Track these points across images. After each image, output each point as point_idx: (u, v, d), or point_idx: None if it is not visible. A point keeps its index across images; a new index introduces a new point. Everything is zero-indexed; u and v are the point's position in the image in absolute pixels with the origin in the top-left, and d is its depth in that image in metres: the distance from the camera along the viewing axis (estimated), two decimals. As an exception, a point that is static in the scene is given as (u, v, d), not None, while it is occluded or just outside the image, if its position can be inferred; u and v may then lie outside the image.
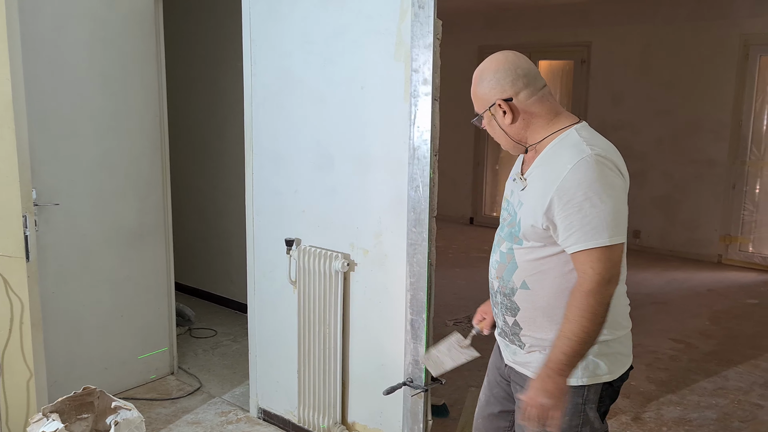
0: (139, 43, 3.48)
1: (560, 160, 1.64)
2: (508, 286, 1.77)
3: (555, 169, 1.63)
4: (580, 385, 1.74)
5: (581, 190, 1.58)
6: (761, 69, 6.19)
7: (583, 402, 1.76)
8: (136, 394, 3.60)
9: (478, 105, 1.79)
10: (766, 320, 4.98)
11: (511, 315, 1.80)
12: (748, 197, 6.41)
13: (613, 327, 1.74)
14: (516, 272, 1.75)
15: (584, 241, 1.59)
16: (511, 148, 1.81)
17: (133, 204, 3.55)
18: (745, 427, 3.33)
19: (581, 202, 1.57)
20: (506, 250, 1.78)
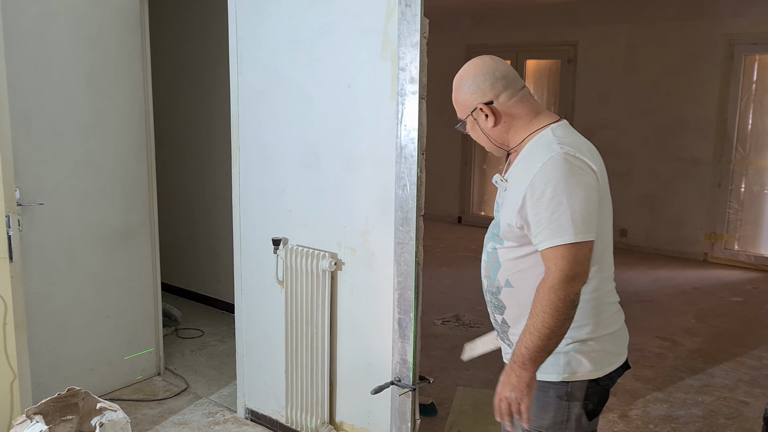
0: (125, 41, 3.45)
1: (533, 159, 1.67)
2: (495, 284, 1.80)
3: (528, 169, 1.66)
4: (562, 381, 1.75)
5: (549, 188, 1.60)
6: (746, 68, 6.24)
7: (568, 399, 1.76)
8: (122, 395, 3.58)
9: (460, 111, 1.83)
10: (751, 318, 5.02)
11: (500, 313, 1.82)
12: (733, 196, 6.46)
13: (597, 326, 1.76)
14: (500, 271, 1.78)
15: (550, 238, 1.60)
16: (494, 150, 1.85)
17: (119, 204, 3.52)
18: (731, 424, 3.36)
19: (549, 200, 1.60)
20: (491, 250, 1.81)
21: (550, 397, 1.77)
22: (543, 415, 1.78)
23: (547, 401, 1.77)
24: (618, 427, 3.31)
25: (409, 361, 2.58)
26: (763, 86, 6.25)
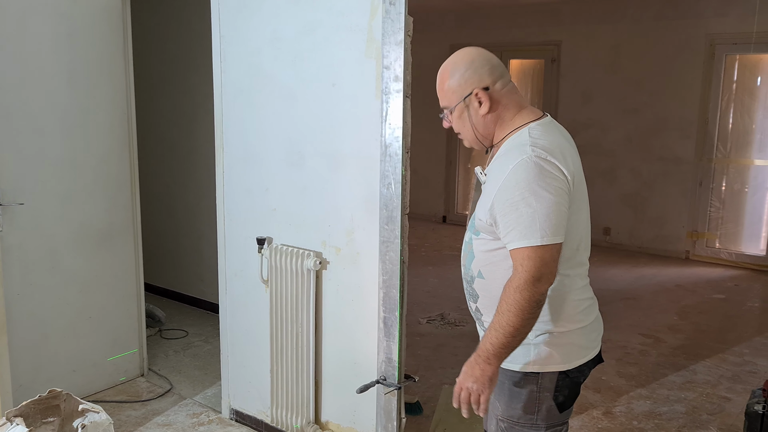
0: (107, 39, 3.42)
1: (507, 159, 1.68)
2: (469, 273, 1.84)
3: (501, 169, 1.67)
4: (533, 372, 1.78)
5: (518, 191, 1.61)
6: (727, 68, 6.31)
7: (538, 390, 1.79)
8: (106, 396, 3.55)
9: (449, 98, 1.79)
10: (733, 315, 5.07)
11: (474, 301, 1.86)
12: (714, 194, 6.53)
13: (566, 321, 1.78)
14: (474, 261, 1.81)
15: (518, 239, 1.62)
16: (475, 144, 1.83)
17: (101, 203, 3.49)
18: (713, 420, 3.39)
19: (517, 202, 1.61)
20: (468, 240, 1.85)
21: (521, 387, 1.80)
22: (514, 405, 1.81)
23: (518, 391, 1.80)
24: (602, 424, 3.33)
25: (394, 360, 2.58)
26: (743, 86, 6.32)
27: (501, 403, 1.84)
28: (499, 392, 1.84)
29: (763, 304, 5.39)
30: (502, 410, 1.84)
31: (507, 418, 1.83)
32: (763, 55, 6.16)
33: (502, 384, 1.82)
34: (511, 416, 1.82)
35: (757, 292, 5.67)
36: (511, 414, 1.82)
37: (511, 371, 1.80)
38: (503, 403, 1.83)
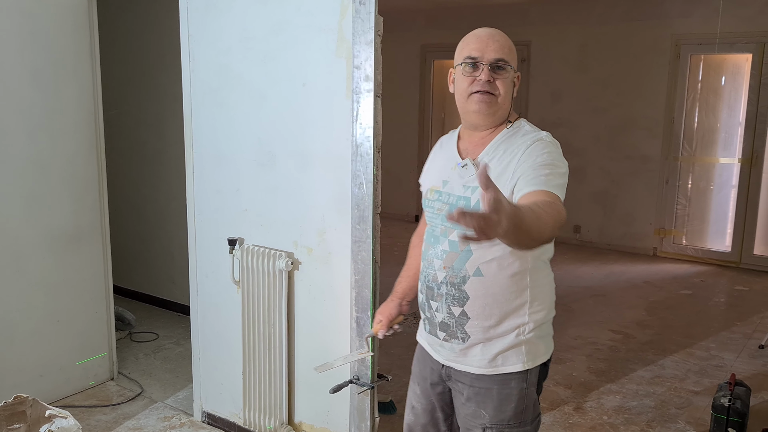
0: (72, 38, 3.36)
1: (523, 139, 1.72)
2: (459, 274, 1.74)
3: (517, 148, 1.69)
4: (525, 369, 1.77)
5: (548, 155, 1.65)
6: (692, 68, 6.43)
7: (527, 386, 1.79)
8: (75, 401, 3.49)
9: (512, 58, 1.76)
10: (699, 310, 5.18)
11: (459, 305, 1.76)
12: (680, 192, 6.66)
13: (548, 310, 1.82)
14: (470, 260, 1.72)
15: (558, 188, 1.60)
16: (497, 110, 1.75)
17: (68, 205, 3.43)
18: (682, 414, 3.46)
19: (550, 161, 1.64)
20: (458, 239, 1.69)
21: (512, 389, 1.77)
22: (505, 408, 1.78)
23: (509, 393, 1.77)
24: (573, 419, 3.38)
25: (367, 360, 2.58)
26: (708, 85, 6.45)
27: (488, 410, 1.78)
28: (484, 400, 1.78)
29: (729, 299, 5.51)
30: (489, 417, 1.78)
31: (496, 424, 1.78)
32: (726, 55, 6.30)
33: (489, 390, 1.78)
34: (501, 420, 1.78)
35: (723, 288, 5.80)
36: (501, 418, 1.78)
37: (500, 375, 1.76)
38: (491, 410, 1.78)
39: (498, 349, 1.76)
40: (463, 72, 1.74)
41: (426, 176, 1.96)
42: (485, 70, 1.71)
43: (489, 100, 1.72)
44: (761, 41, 5.99)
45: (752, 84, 6.11)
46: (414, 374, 2.03)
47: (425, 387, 1.97)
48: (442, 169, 1.86)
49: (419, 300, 1.92)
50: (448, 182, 1.82)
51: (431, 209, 1.84)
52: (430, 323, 1.86)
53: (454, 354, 1.82)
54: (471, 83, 1.73)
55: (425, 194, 1.90)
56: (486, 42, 1.72)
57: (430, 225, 1.86)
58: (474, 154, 1.79)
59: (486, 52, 1.71)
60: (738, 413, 3.02)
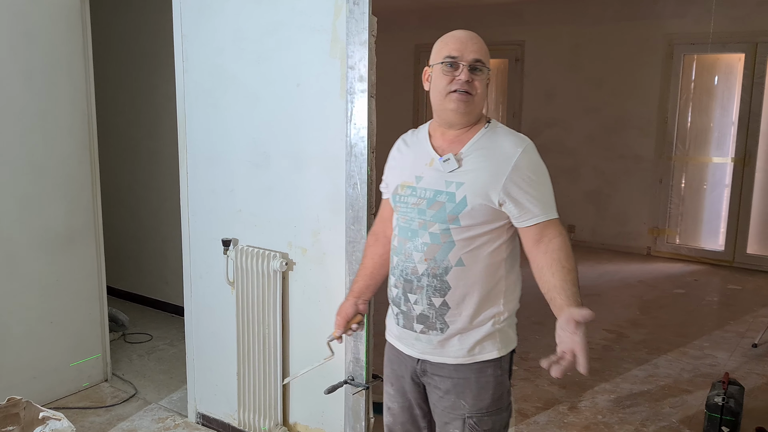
0: (65, 38, 3.35)
1: (504, 144, 1.79)
2: (441, 265, 1.79)
3: (504, 152, 1.77)
4: (500, 357, 1.85)
5: (540, 169, 1.79)
6: (685, 67, 6.45)
7: (502, 372, 1.87)
8: (68, 403, 3.47)
9: (486, 59, 1.82)
10: (693, 309, 5.19)
11: (440, 296, 1.81)
12: (674, 191, 6.68)
13: (517, 301, 1.91)
14: (453, 251, 1.78)
15: (546, 213, 1.77)
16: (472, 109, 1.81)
17: (62, 206, 3.42)
18: (675, 413, 3.47)
19: (543, 181, 1.79)
20: (440, 231, 1.79)
21: (488, 376, 1.84)
22: (483, 396, 1.84)
23: (486, 381, 1.84)
24: (567, 419, 3.38)
25: (362, 360, 2.58)
26: (701, 85, 6.47)
27: (467, 400, 1.84)
28: (462, 391, 1.84)
29: (722, 298, 5.53)
30: (469, 407, 1.84)
31: (476, 413, 1.84)
32: (719, 55, 6.32)
33: (467, 380, 1.84)
34: (480, 409, 1.84)
35: (716, 287, 5.82)
36: (481, 406, 1.84)
37: (477, 363, 1.83)
38: (470, 399, 1.84)
39: (476, 338, 1.83)
40: (443, 71, 1.79)
41: (392, 173, 1.97)
42: (465, 69, 1.77)
43: (467, 99, 1.78)
44: (754, 41, 6.01)
45: (745, 84, 6.14)
46: (386, 375, 2.07)
47: (400, 386, 2.01)
48: (414, 165, 1.90)
49: (392, 294, 1.94)
50: (423, 178, 1.85)
51: (405, 204, 1.88)
52: (406, 317, 1.89)
53: (431, 346, 1.86)
54: (450, 82, 1.78)
55: (395, 190, 1.92)
56: (465, 43, 1.79)
57: (405, 219, 1.88)
58: (450, 150, 1.83)
59: (465, 52, 1.78)
60: (731, 412, 3.04)
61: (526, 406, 3.50)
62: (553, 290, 1.70)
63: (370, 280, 2.10)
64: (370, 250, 2.11)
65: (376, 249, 2.08)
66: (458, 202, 1.76)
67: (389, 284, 1.95)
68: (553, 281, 1.70)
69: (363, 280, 2.10)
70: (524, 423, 3.33)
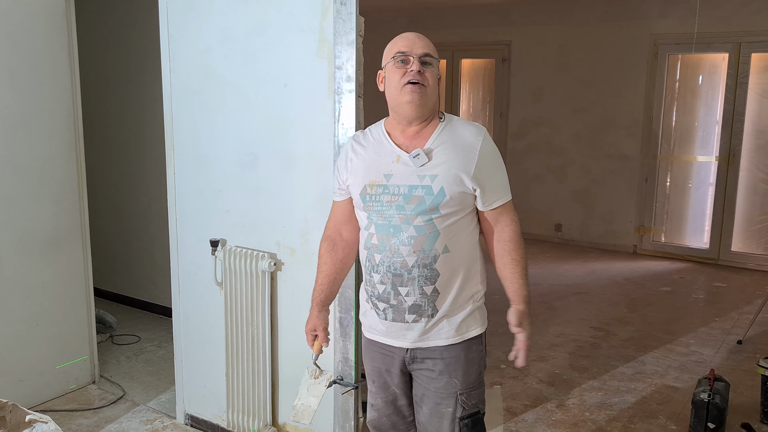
0: (50, 38, 3.33)
1: (464, 134, 1.92)
2: (430, 255, 1.87)
3: (467, 141, 1.90)
4: (481, 333, 2.00)
5: (497, 155, 1.94)
6: (669, 67, 6.51)
7: (483, 347, 2.01)
8: (55, 405, 3.45)
9: (435, 54, 1.91)
10: (679, 306, 5.24)
11: (431, 283, 1.89)
12: (659, 190, 6.73)
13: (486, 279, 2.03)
14: (438, 239, 1.87)
15: (505, 195, 1.94)
16: (426, 103, 1.90)
17: (47, 207, 3.39)
18: (663, 409, 3.50)
19: (500, 165, 1.95)
20: (424, 222, 1.87)
21: (474, 352, 1.96)
22: (471, 371, 1.96)
23: (472, 357, 1.96)
24: (556, 416, 3.40)
25: (351, 360, 2.58)
26: (685, 85, 6.52)
27: (458, 377, 1.94)
28: (454, 368, 1.94)
29: (708, 295, 5.58)
30: (460, 383, 1.95)
31: (466, 388, 1.95)
32: (703, 55, 6.37)
33: (457, 358, 1.94)
34: (469, 384, 1.96)
35: (702, 284, 5.87)
36: (470, 381, 1.96)
37: (465, 341, 1.94)
38: (461, 376, 1.95)
39: (461, 317, 1.94)
40: (395, 66, 1.89)
41: (357, 174, 1.97)
42: (415, 62, 1.87)
43: (420, 90, 1.87)
44: (737, 41, 6.07)
45: (729, 83, 6.20)
46: (368, 372, 2.12)
47: (382, 381, 2.07)
48: (379, 164, 1.93)
49: (378, 291, 1.95)
50: (393, 175, 1.90)
51: (378, 202, 1.91)
52: (396, 310, 1.93)
53: (423, 332, 1.94)
54: (403, 75, 1.88)
55: (363, 190, 1.94)
56: (413, 40, 1.90)
57: (382, 217, 1.90)
58: (413, 146, 1.91)
59: (414, 48, 1.89)
60: (717, 408, 3.07)
61: (514, 404, 3.52)
62: (504, 280, 1.95)
63: (334, 286, 2.14)
64: (328, 256, 2.11)
65: (336, 254, 2.10)
66: (437, 194, 1.85)
67: (371, 283, 1.97)
68: (503, 272, 1.95)
69: (327, 288, 2.12)
70: (513, 421, 3.34)
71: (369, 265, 1.96)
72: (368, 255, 1.96)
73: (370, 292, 1.99)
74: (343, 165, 2.02)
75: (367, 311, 2.04)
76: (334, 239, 2.10)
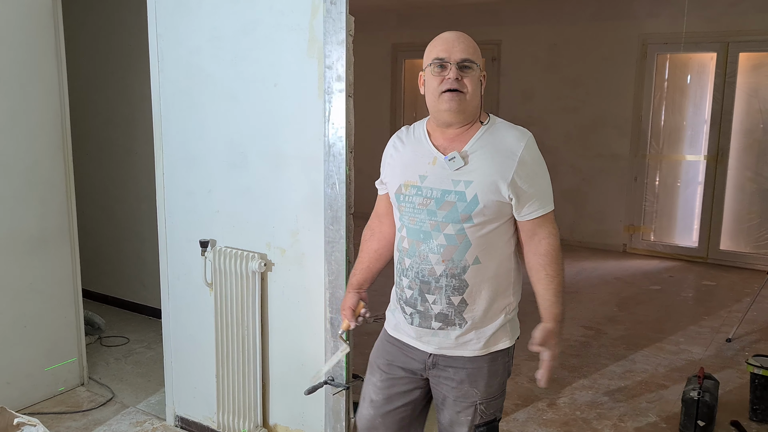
0: (37, 38, 3.29)
1: (506, 138, 1.84)
2: (460, 265, 1.82)
3: (507, 146, 1.82)
4: (509, 346, 1.94)
5: (540, 162, 1.86)
6: (658, 67, 6.54)
7: (509, 358, 1.97)
8: (43, 408, 3.42)
9: (477, 57, 1.84)
10: (669, 305, 5.26)
11: (458, 294, 1.85)
12: (648, 189, 6.76)
13: (521, 289, 1.98)
14: (469, 250, 1.82)
15: (545, 206, 1.85)
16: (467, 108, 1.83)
17: (35, 208, 3.36)
18: (653, 407, 3.51)
19: (543, 173, 1.86)
20: (455, 231, 1.81)
21: (498, 364, 1.92)
22: (493, 383, 1.91)
23: (496, 369, 1.91)
24: (547, 415, 3.41)
25: (342, 361, 2.57)
26: (674, 84, 6.56)
27: (479, 388, 1.90)
28: (475, 379, 1.90)
29: (697, 294, 5.61)
30: (481, 394, 1.91)
31: (486, 399, 1.92)
32: (692, 55, 6.41)
33: (480, 370, 1.90)
34: (490, 395, 1.92)
35: (691, 283, 5.90)
36: (491, 392, 1.92)
37: (490, 354, 1.90)
38: (482, 387, 1.91)
39: (491, 331, 1.89)
40: (433, 72, 1.82)
41: (394, 172, 1.96)
42: (453, 68, 1.80)
43: (458, 98, 1.80)
44: (725, 41, 6.11)
45: (717, 82, 6.23)
46: (374, 366, 2.07)
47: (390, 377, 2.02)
48: (416, 164, 1.89)
49: (406, 296, 1.93)
50: (427, 177, 1.86)
51: (410, 204, 1.88)
52: (423, 316, 1.91)
53: (449, 342, 1.90)
54: (440, 82, 1.81)
55: (398, 189, 1.92)
56: (452, 43, 1.82)
57: (414, 221, 1.88)
58: (452, 148, 1.85)
59: (452, 52, 1.81)
60: (707, 406, 3.08)
61: (506, 404, 3.50)
62: (536, 295, 1.87)
63: (368, 273, 2.15)
64: (366, 245, 2.14)
65: (372, 244, 2.12)
66: (470, 201, 1.79)
67: (401, 286, 1.95)
68: (537, 287, 1.87)
69: (361, 274, 2.15)
70: (504, 420, 3.34)
71: (399, 267, 1.95)
72: (399, 257, 1.95)
73: (399, 295, 1.97)
74: (385, 160, 2.02)
75: (395, 310, 2.03)
76: (373, 230, 2.13)
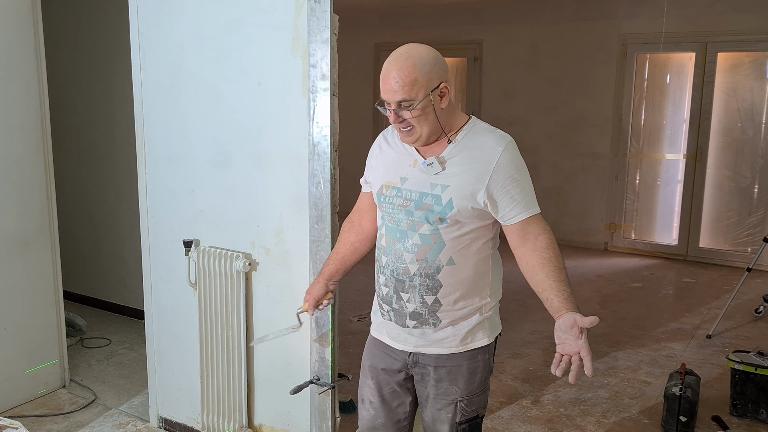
0: (16, 36, 3.25)
1: (485, 143, 1.81)
2: (433, 265, 1.84)
3: (486, 151, 1.80)
4: (489, 343, 1.94)
5: (520, 167, 1.82)
6: (638, 66, 6.60)
7: (490, 356, 1.96)
8: (24, 411, 3.38)
9: (415, 92, 1.73)
10: (650, 302, 5.32)
11: (432, 294, 1.86)
12: (629, 187, 6.83)
13: (501, 287, 1.99)
14: (443, 251, 1.83)
15: (529, 209, 1.81)
16: (432, 136, 1.82)
17: (14, 208, 3.32)
18: (635, 404, 3.55)
19: (523, 178, 1.82)
20: (429, 232, 1.83)
21: (478, 362, 1.92)
22: (473, 380, 1.92)
23: (476, 366, 1.92)
24: (531, 413, 3.43)
25: (327, 360, 2.57)
26: (653, 84, 6.63)
27: (459, 385, 1.92)
28: (455, 377, 1.91)
29: (677, 291, 5.68)
30: (461, 391, 1.92)
31: (467, 396, 1.92)
32: (671, 54, 6.48)
33: (459, 367, 1.91)
34: (470, 392, 1.93)
35: (671, 280, 5.97)
36: (471, 390, 1.93)
37: (470, 351, 1.90)
38: (462, 384, 1.92)
39: (467, 328, 1.89)
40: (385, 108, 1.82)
41: (377, 172, 1.98)
42: (392, 113, 1.79)
43: (410, 132, 1.81)
44: (704, 41, 6.18)
45: (696, 82, 6.31)
46: (366, 368, 2.10)
47: (381, 378, 2.04)
48: (398, 165, 1.91)
49: (382, 293, 1.96)
50: (407, 179, 1.87)
51: (391, 205, 1.89)
52: (397, 314, 1.93)
53: (425, 340, 1.92)
54: (391, 119, 1.82)
55: (380, 189, 1.93)
56: (389, 83, 1.75)
57: (392, 220, 1.89)
58: (433, 152, 1.85)
59: (389, 93, 1.76)
60: (689, 401, 3.12)
61: (490, 402, 3.53)
62: (548, 291, 1.75)
63: (341, 264, 2.15)
64: (344, 236, 2.15)
65: (350, 236, 2.13)
66: (444, 205, 1.80)
67: (378, 283, 1.98)
68: (548, 282, 1.76)
69: (334, 264, 2.15)
70: (488, 418, 3.36)
71: (378, 265, 1.97)
72: (377, 255, 1.97)
73: (377, 293, 2.01)
74: (370, 160, 2.03)
75: (375, 310, 2.06)
76: (353, 222, 2.13)
